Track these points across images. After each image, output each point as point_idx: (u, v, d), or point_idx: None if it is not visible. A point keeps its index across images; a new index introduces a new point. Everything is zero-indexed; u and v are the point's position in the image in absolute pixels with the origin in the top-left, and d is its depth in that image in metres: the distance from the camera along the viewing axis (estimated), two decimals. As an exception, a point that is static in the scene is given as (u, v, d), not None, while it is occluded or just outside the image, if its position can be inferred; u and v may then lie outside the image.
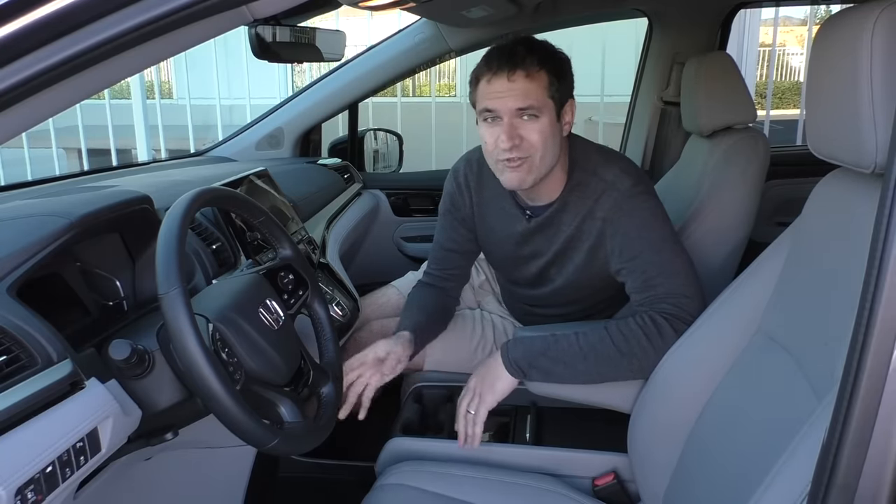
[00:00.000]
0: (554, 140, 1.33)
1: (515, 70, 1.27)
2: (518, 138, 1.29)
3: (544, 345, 1.31)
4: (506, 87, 1.27)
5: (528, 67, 1.27)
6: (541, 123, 1.29)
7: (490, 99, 1.30)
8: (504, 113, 1.29)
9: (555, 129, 1.32)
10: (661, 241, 1.33)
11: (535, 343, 1.32)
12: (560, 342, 1.30)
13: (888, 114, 0.78)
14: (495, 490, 1.25)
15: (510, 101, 1.28)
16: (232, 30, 0.81)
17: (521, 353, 1.31)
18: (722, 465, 1.05)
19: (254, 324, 1.00)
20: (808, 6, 3.94)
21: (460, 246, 1.61)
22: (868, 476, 0.63)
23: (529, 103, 1.28)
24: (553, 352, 1.30)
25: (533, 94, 1.28)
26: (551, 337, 1.32)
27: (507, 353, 1.32)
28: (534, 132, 1.29)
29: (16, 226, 0.95)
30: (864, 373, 0.62)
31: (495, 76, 1.28)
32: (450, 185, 1.59)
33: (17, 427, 0.75)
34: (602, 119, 4.45)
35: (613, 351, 1.27)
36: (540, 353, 1.30)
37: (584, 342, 1.29)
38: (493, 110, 1.30)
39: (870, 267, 0.62)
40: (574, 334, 1.31)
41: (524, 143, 1.30)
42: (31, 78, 0.72)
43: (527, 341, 1.33)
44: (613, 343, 1.28)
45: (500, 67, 1.28)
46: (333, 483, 1.67)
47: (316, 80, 2.37)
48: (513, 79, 1.27)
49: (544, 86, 1.29)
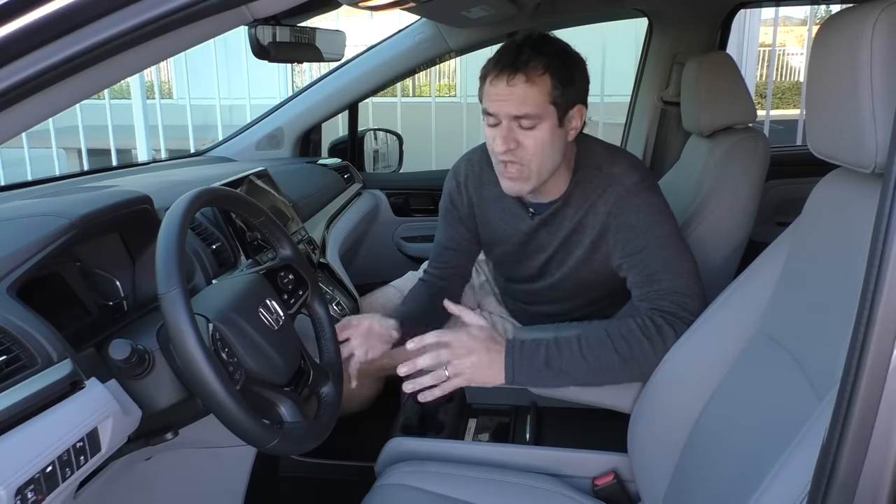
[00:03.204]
0: (553, 147, 1.30)
1: (516, 74, 1.24)
2: (514, 143, 1.28)
3: (547, 355, 1.24)
4: (505, 92, 1.25)
5: (529, 71, 1.24)
6: (539, 131, 1.27)
7: (490, 101, 1.28)
8: (502, 117, 1.28)
9: (555, 136, 1.29)
10: (666, 237, 1.32)
11: (539, 354, 1.24)
12: (563, 351, 1.25)
13: (888, 114, 0.78)
14: (495, 490, 1.25)
15: (507, 106, 1.26)
16: (232, 30, 0.81)
17: (526, 375, 1.24)
18: (722, 465, 1.04)
19: (254, 324, 1.00)
20: (808, 6, 3.95)
21: (460, 245, 1.60)
22: (868, 476, 0.63)
23: (526, 111, 1.25)
24: (556, 363, 1.24)
25: (531, 100, 1.25)
26: (554, 345, 1.25)
27: (513, 369, 1.23)
28: (530, 139, 1.28)
29: (16, 226, 0.95)
30: (864, 373, 0.62)
31: (497, 78, 1.26)
32: (450, 183, 1.59)
33: (17, 427, 0.75)
34: (602, 119, 4.45)
35: (615, 357, 1.25)
36: (543, 365, 1.24)
37: (587, 350, 1.24)
38: (493, 114, 1.28)
39: (870, 267, 0.62)
40: (577, 340, 1.26)
41: (520, 149, 1.28)
42: (31, 78, 0.72)
43: (530, 352, 1.25)
44: (616, 349, 1.24)
45: (501, 70, 1.25)
46: (333, 483, 1.66)
47: (316, 80, 2.37)
48: (512, 83, 1.25)
49: (546, 91, 1.26)
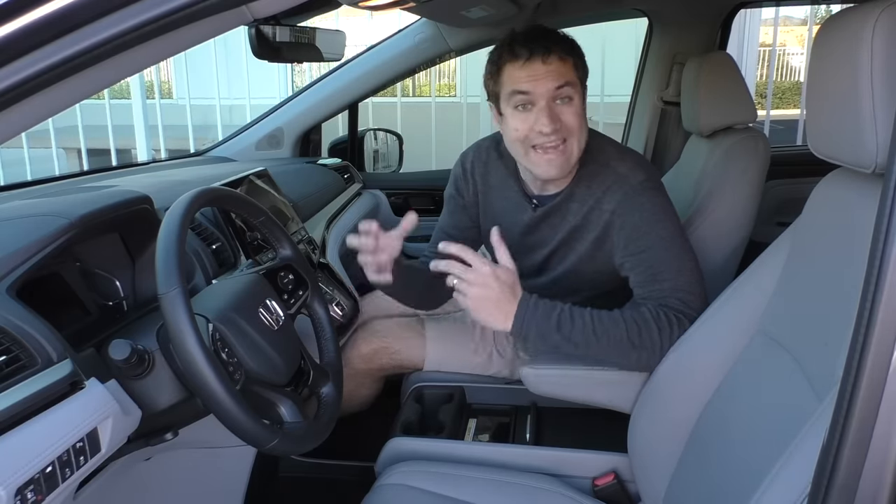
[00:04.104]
0: (585, 123, 1.35)
1: (550, 52, 1.28)
2: (558, 121, 1.30)
3: (559, 319, 1.24)
4: (543, 70, 1.28)
5: (559, 51, 1.29)
6: (575, 106, 1.32)
7: (525, 82, 1.29)
8: (541, 96, 1.29)
9: (584, 112, 1.34)
10: (670, 237, 1.32)
11: (552, 315, 1.24)
12: (575, 320, 1.24)
13: (888, 114, 0.78)
14: (495, 490, 1.25)
15: (548, 81, 1.28)
16: (232, 30, 0.81)
17: (534, 330, 1.24)
18: (722, 466, 1.04)
19: (254, 324, 1.00)
20: (808, 6, 3.95)
21: (461, 232, 1.60)
22: (868, 476, 0.63)
23: (566, 80, 1.29)
24: (566, 328, 1.24)
25: (568, 72, 1.30)
26: (568, 311, 1.25)
27: (523, 320, 1.22)
28: (570, 115, 1.31)
29: (16, 226, 0.95)
30: (864, 373, 0.62)
31: (529, 61, 1.28)
32: (457, 169, 1.59)
33: (17, 427, 0.75)
34: (602, 119, 4.45)
35: (625, 339, 1.24)
36: (553, 327, 1.24)
37: (598, 324, 1.24)
38: (529, 93, 1.29)
39: (870, 267, 0.62)
40: (590, 314, 1.25)
41: (563, 126, 1.31)
42: (31, 78, 0.72)
43: (545, 310, 1.24)
44: (626, 331, 1.24)
45: (533, 51, 1.28)
46: (333, 483, 1.66)
47: (316, 80, 2.37)
48: (548, 61, 1.28)
49: (574, 67, 1.31)
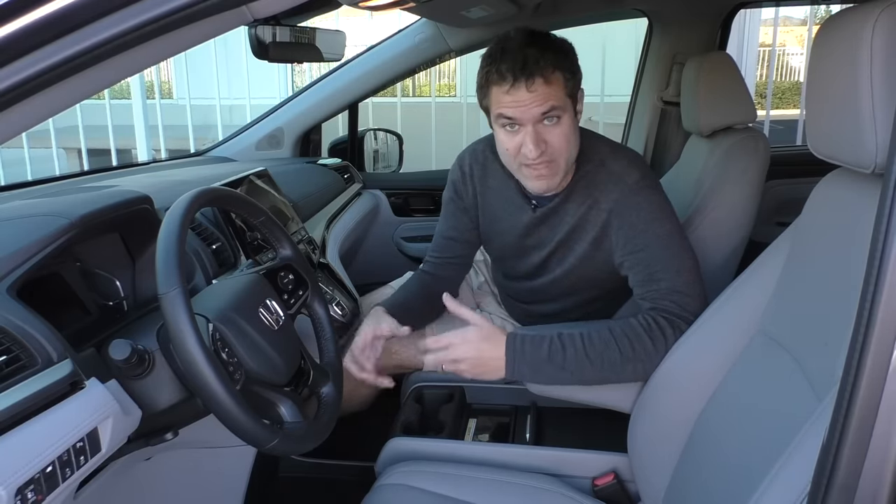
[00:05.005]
0: (575, 137, 1.33)
1: (534, 78, 1.24)
2: (543, 144, 1.28)
3: (550, 350, 1.25)
4: (527, 97, 1.25)
5: (544, 72, 1.24)
6: (563, 125, 1.29)
7: (510, 107, 1.27)
8: (526, 121, 1.27)
9: (574, 125, 1.33)
10: (667, 236, 1.32)
11: (542, 348, 1.26)
12: (566, 347, 1.25)
13: (888, 114, 0.78)
14: (495, 490, 1.25)
15: (532, 108, 1.26)
16: (232, 30, 0.81)
17: (527, 370, 1.26)
18: (722, 466, 1.04)
19: (254, 324, 1.00)
20: (808, 6, 3.95)
21: (461, 235, 1.60)
22: (868, 476, 0.63)
23: (551, 104, 1.26)
24: (558, 358, 1.25)
25: (553, 96, 1.26)
26: (557, 340, 1.26)
27: (514, 363, 1.25)
28: (557, 136, 1.29)
29: (16, 226, 0.95)
30: (864, 373, 0.62)
31: (514, 87, 1.25)
32: (454, 173, 1.59)
33: (17, 427, 0.75)
34: (602, 119, 4.45)
35: (618, 357, 1.25)
36: (545, 360, 1.25)
37: (590, 348, 1.25)
38: (513, 118, 1.28)
39: (870, 267, 0.62)
40: (580, 337, 1.26)
41: (549, 147, 1.29)
42: (31, 78, 0.72)
43: (532, 346, 1.26)
44: (619, 349, 1.25)
45: (516, 78, 1.24)
46: (333, 483, 1.66)
47: (316, 80, 2.37)
48: (532, 88, 1.24)
49: (562, 86, 1.28)
